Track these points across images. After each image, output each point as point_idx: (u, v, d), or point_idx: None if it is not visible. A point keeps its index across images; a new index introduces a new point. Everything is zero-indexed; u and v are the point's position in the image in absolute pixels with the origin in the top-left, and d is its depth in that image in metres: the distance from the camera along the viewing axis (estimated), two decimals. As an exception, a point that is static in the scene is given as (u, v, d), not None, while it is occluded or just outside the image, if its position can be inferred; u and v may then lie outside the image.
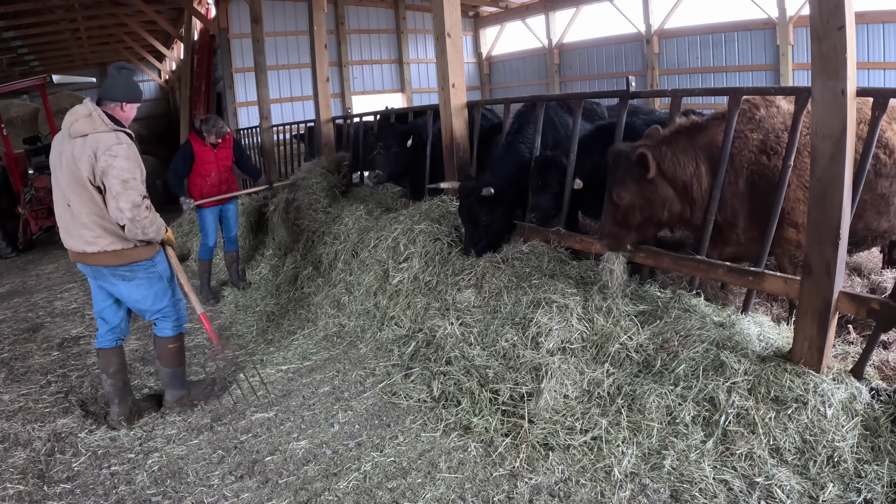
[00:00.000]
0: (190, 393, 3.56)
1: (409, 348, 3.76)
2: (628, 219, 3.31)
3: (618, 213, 3.32)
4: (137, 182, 3.08)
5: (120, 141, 3.07)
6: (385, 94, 14.41)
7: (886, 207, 3.23)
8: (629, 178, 3.22)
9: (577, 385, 2.96)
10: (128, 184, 3.02)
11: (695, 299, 3.36)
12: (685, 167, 3.21)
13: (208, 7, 12.93)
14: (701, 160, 3.22)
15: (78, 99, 13.73)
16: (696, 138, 3.26)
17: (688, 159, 3.22)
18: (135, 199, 3.03)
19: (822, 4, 2.37)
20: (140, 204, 3.05)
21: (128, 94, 3.21)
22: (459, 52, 4.72)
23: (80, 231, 3.13)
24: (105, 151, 3.00)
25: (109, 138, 3.05)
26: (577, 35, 13.60)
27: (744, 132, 3.21)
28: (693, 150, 3.23)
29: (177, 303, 3.46)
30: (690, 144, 3.25)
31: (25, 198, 8.40)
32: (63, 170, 3.09)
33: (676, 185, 3.24)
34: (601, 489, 2.47)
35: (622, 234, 3.36)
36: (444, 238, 4.43)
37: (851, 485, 2.26)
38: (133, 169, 3.07)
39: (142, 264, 3.26)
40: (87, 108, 3.10)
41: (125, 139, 3.12)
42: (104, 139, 3.03)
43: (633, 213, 3.29)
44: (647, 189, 3.22)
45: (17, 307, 5.81)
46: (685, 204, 3.29)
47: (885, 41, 8.62)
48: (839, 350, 2.92)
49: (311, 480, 2.76)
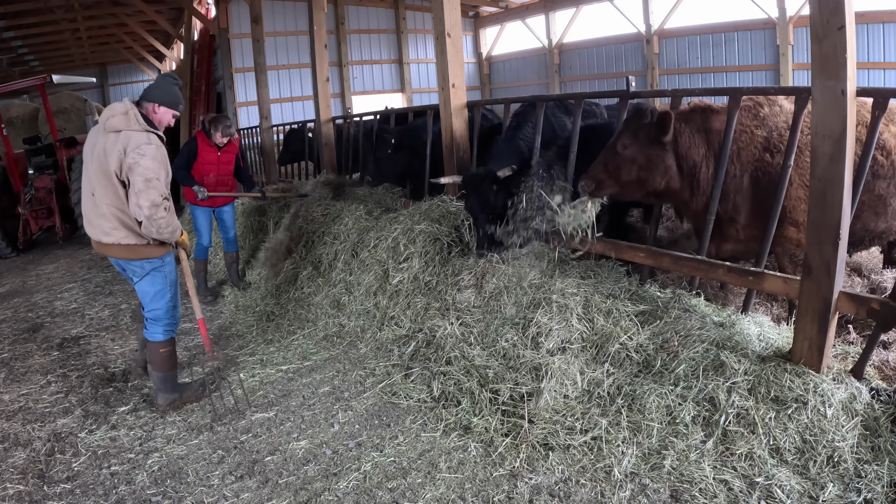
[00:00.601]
0: (181, 396, 3.57)
1: (409, 348, 3.76)
2: (621, 171, 3.31)
3: (612, 162, 3.32)
4: (160, 183, 3.20)
5: (150, 141, 3.21)
6: (385, 94, 14.42)
7: (884, 208, 3.23)
8: (642, 132, 3.24)
9: (577, 385, 2.96)
10: (150, 183, 3.15)
11: (695, 299, 3.36)
12: (698, 147, 3.25)
13: (208, 7, 12.94)
14: (712, 146, 3.25)
15: (78, 99, 13.78)
16: (711, 122, 3.29)
17: (701, 141, 3.26)
18: (155, 198, 3.16)
19: (822, 4, 2.37)
20: (159, 204, 3.18)
21: (161, 97, 3.37)
22: (459, 52, 4.73)
23: (99, 221, 3.29)
24: (134, 149, 3.15)
25: (140, 137, 3.19)
26: (577, 35, 13.61)
27: (749, 128, 3.22)
28: (706, 134, 3.27)
29: (172, 308, 3.49)
30: (705, 126, 3.28)
31: (25, 198, 8.40)
32: (93, 161, 3.25)
33: (685, 162, 3.27)
34: (601, 489, 2.47)
35: (608, 182, 3.37)
36: (444, 238, 4.43)
37: (851, 485, 2.26)
38: (158, 169, 3.19)
39: (151, 261, 3.37)
40: (124, 105, 3.27)
41: (155, 140, 3.26)
42: (135, 137, 3.18)
43: (629, 167, 3.29)
44: (655, 151, 3.24)
45: (17, 307, 5.81)
46: (686, 184, 3.31)
47: (885, 41, 8.63)
48: (839, 350, 2.92)
49: (311, 480, 2.76)
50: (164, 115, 3.37)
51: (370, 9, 14.21)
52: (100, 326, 5.06)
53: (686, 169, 3.29)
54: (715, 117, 3.29)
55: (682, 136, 3.25)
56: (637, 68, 12.16)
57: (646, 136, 3.23)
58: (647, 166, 3.27)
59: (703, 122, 3.28)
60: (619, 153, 3.30)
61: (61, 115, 12.76)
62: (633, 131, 3.27)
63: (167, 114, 3.38)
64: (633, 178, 3.32)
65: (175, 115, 3.44)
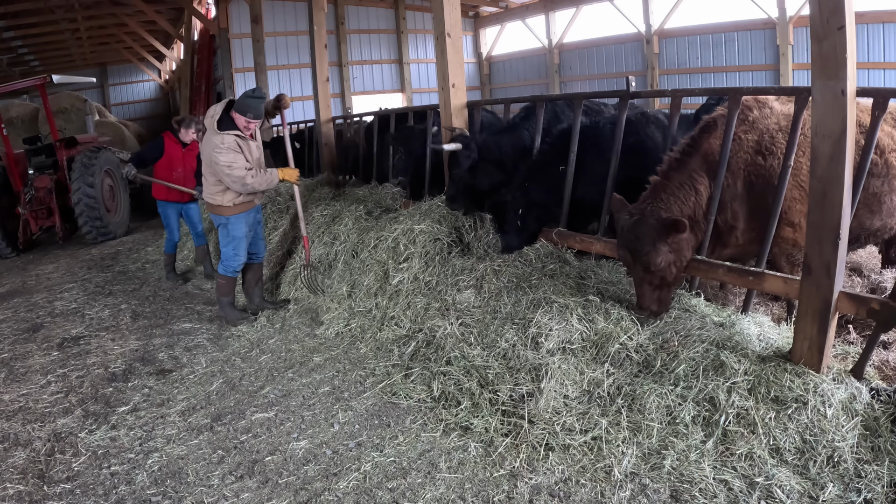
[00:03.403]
0: (228, 316, 4.83)
1: (409, 348, 3.76)
2: (665, 279, 3.22)
3: (654, 279, 3.22)
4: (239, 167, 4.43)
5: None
6: (385, 94, 14.42)
7: (879, 206, 3.25)
8: (660, 242, 3.11)
9: (577, 385, 2.96)
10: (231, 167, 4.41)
11: (695, 299, 3.36)
12: (686, 201, 3.21)
13: (208, 7, 12.94)
14: (698, 181, 3.23)
15: (78, 99, 13.74)
16: (689, 163, 3.26)
17: (687, 192, 3.22)
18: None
19: (822, 4, 2.37)
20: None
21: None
22: (459, 52, 4.73)
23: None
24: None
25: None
26: (577, 35, 13.61)
27: (737, 134, 3.22)
28: (689, 178, 3.24)
29: (233, 257, 4.70)
30: (686, 173, 3.25)
31: (25, 198, 8.39)
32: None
33: (702, 210, 3.23)
34: (601, 489, 2.47)
35: (663, 296, 3.27)
36: (445, 238, 4.43)
37: (851, 485, 2.26)
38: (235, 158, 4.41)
39: (219, 218, 4.68)
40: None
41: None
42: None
43: (668, 271, 3.20)
44: (676, 245, 3.16)
45: (17, 307, 5.81)
46: (697, 230, 3.28)
47: (885, 41, 8.63)
48: (839, 350, 2.93)
49: (311, 480, 2.76)
50: (237, 119, 4.42)
51: (370, 9, 14.21)
52: (100, 326, 5.06)
53: (698, 216, 3.24)
54: (713, 138, 3.26)
55: (681, 196, 3.21)
56: (637, 68, 12.17)
57: (657, 236, 3.12)
58: (679, 259, 3.20)
59: (682, 173, 3.25)
60: (654, 272, 3.17)
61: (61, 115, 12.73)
62: (652, 250, 3.14)
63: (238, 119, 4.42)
64: (675, 274, 3.24)
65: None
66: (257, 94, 4.41)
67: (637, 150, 3.96)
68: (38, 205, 8.48)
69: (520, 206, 4.17)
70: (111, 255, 7.84)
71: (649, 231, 3.11)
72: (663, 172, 3.31)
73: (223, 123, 4.39)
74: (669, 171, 3.30)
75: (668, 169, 3.31)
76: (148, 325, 5.04)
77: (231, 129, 4.37)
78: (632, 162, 3.81)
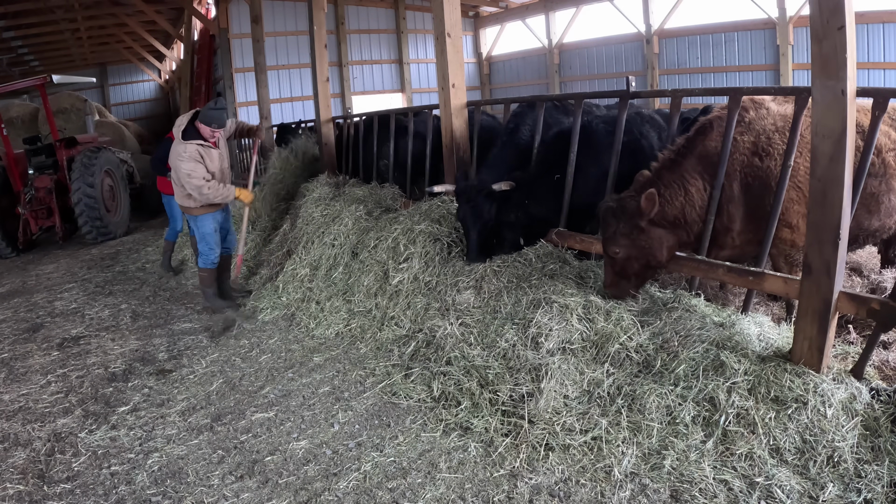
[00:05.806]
0: (213, 305, 5.16)
1: (409, 348, 3.76)
2: (626, 269, 3.31)
3: (615, 265, 3.31)
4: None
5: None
6: (385, 94, 14.41)
7: (877, 206, 3.25)
8: (623, 223, 3.20)
9: (577, 385, 2.96)
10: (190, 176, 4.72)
11: (695, 299, 3.36)
12: (673, 201, 3.23)
13: (208, 7, 12.93)
14: (690, 182, 3.24)
15: (78, 99, 13.75)
16: (683, 164, 3.27)
17: (674, 192, 3.24)
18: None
19: (822, 4, 2.37)
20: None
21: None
22: (459, 52, 4.72)
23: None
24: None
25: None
26: (577, 35, 13.60)
27: (734, 136, 3.22)
28: (680, 178, 3.25)
29: (209, 251, 5.06)
30: (678, 173, 3.26)
31: (25, 198, 8.39)
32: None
33: (667, 221, 3.25)
34: (601, 489, 2.47)
35: (623, 284, 3.34)
36: (445, 238, 4.43)
37: (851, 485, 2.26)
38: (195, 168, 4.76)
39: (189, 217, 5.12)
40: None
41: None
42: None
43: (629, 263, 3.28)
44: (640, 237, 3.21)
45: (17, 307, 5.81)
46: (681, 232, 3.30)
47: (885, 41, 8.62)
48: (839, 350, 2.93)
49: (311, 480, 2.76)
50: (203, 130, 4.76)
51: (370, 9, 14.19)
52: (100, 326, 5.06)
53: (669, 223, 3.26)
54: (709, 140, 3.26)
55: (667, 195, 3.21)
56: (637, 68, 12.16)
57: (627, 226, 3.18)
58: (644, 256, 3.24)
59: (674, 172, 3.26)
60: (615, 259, 3.27)
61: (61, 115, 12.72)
62: (612, 236, 3.22)
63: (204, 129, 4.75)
64: (638, 268, 3.29)
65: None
66: (219, 105, 4.87)
67: (632, 149, 3.96)
68: (38, 205, 8.48)
69: (521, 225, 4.16)
70: (111, 255, 7.85)
71: (613, 215, 3.22)
72: (656, 170, 3.33)
73: (187, 133, 4.74)
74: (661, 170, 3.31)
75: (660, 167, 3.32)
76: (148, 325, 5.04)
77: (195, 139, 4.72)
78: (627, 161, 3.82)
